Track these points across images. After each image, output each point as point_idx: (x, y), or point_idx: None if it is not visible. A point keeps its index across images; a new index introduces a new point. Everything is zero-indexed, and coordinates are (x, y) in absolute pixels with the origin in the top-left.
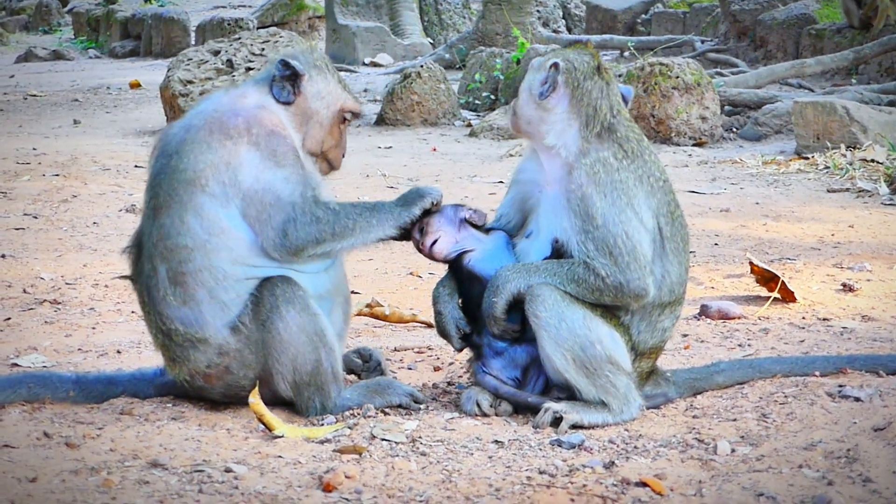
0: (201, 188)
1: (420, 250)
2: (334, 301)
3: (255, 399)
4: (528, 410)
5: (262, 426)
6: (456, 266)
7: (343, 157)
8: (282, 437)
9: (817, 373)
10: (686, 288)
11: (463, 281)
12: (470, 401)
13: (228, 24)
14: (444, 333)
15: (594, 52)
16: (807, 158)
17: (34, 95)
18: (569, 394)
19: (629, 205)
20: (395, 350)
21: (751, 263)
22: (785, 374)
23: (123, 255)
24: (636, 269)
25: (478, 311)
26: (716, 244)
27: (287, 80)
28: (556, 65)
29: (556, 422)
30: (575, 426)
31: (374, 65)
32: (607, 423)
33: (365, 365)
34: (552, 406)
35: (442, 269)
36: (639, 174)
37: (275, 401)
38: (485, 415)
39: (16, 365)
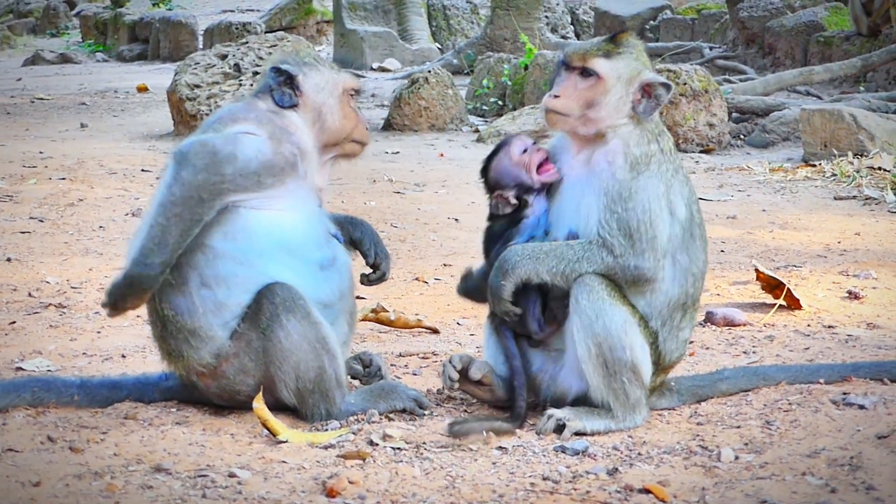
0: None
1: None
2: (338, 308)
3: (259, 404)
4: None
5: (267, 431)
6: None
7: (367, 129)
8: (286, 442)
9: (822, 380)
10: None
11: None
12: (445, 369)
13: (236, 29)
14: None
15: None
16: (814, 166)
17: (41, 99)
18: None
19: (665, 194)
20: (400, 355)
21: (756, 270)
22: (790, 382)
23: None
24: (650, 257)
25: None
26: (722, 251)
27: (284, 84)
28: None
29: (560, 428)
30: (578, 433)
31: (382, 70)
32: (609, 430)
33: (366, 370)
34: (555, 413)
35: (447, 275)
36: (676, 165)
37: (277, 405)
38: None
39: (20, 369)
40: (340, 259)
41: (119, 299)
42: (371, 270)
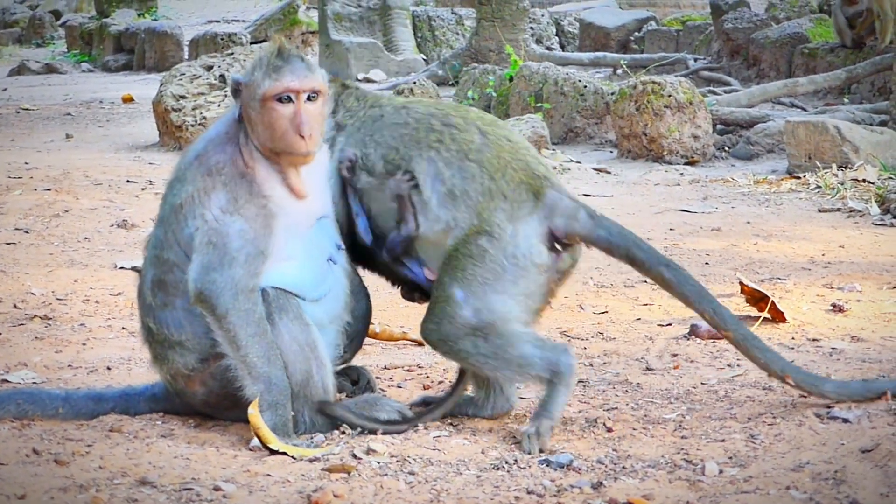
0: (182, 214)
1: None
2: (331, 329)
3: (254, 411)
4: None
5: (258, 440)
6: None
7: (304, 136)
8: (276, 452)
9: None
10: None
11: None
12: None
13: (222, 39)
14: None
15: None
16: (798, 178)
17: (27, 109)
18: None
19: None
20: (385, 368)
21: (741, 283)
22: None
23: (143, 247)
24: None
25: None
26: (706, 263)
27: (235, 95)
28: None
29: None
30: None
31: (368, 80)
32: None
33: (355, 386)
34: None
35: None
36: None
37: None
38: None
39: (5, 381)
40: (335, 288)
41: None
42: None
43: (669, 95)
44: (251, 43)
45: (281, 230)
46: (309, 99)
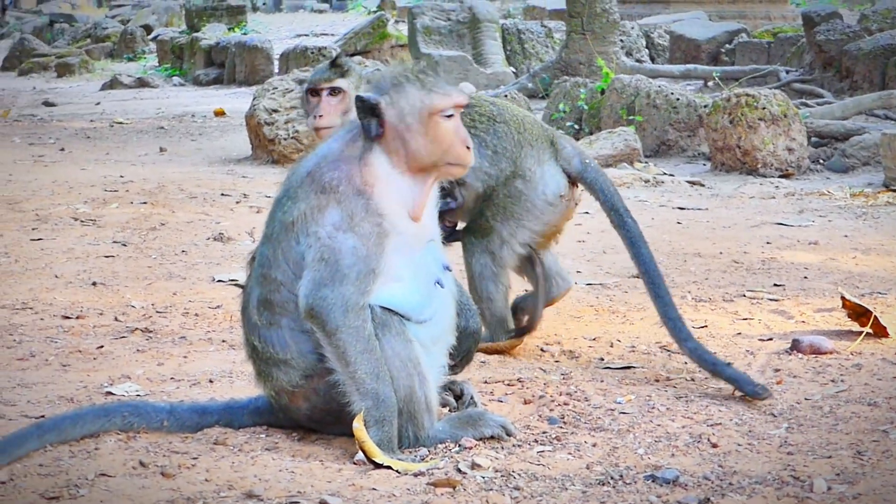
0: (293, 231)
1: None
2: (434, 350)
3: (359, 425)
4: None
5: (363, 454)
6: None
7: (468, 147)
8: (381, 466)
9: None
10: None
11: None
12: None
13: (312, 53)
14: None
15: None
16: (895, 191)
17: (120, 123)
18: None
19: None
20: (485, 382)
21: (842, 298)
22: None
23: (246, 263)
24: None
25: None
26: (805, 277)
27: (368, 113)
28: None
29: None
30: None
31: None
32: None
33: (459, 401)
34: None
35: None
36: None
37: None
38: None
39: (110, 393)
40: (440, 311)
41: None
42: None
43: (763, 108)
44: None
45: (392, 250)
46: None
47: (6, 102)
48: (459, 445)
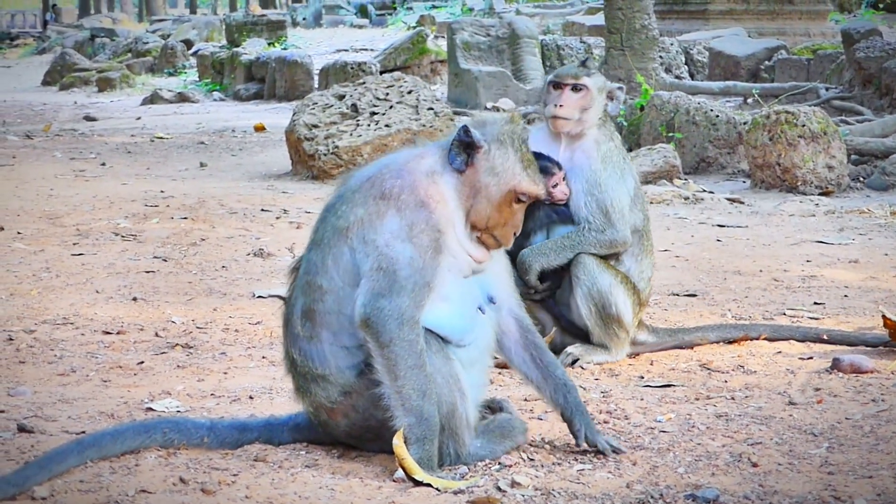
0: (346, 238)
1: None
2: (472, 371)
3: (398, 441)
4: None
5: (402, 471)
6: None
7: (515, 235)
8: (421, 484)
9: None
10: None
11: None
12: None
13: (351, 68)
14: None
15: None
16: None
17: (160, 138)
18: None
19: (621, 177)
20: (525, 400)
21: (883, 316)
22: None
23: (287, 273)
24: (621, 226)
25: None
26: (845, 296)
27: (464, 147)
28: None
29: (574, 362)
30: (587, 363)
31: (497, 109)
32: (607, 361)
33: None
34: (571, 350)
35: None
36: (625, 155)
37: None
38: None
39: (150, 409)
40: (481, 336)
41: None
42: None
43: (803, 125)
44: (381, 72)
45: (444, 269)
46: None
47: (48, 117)
48: (500, 464)
